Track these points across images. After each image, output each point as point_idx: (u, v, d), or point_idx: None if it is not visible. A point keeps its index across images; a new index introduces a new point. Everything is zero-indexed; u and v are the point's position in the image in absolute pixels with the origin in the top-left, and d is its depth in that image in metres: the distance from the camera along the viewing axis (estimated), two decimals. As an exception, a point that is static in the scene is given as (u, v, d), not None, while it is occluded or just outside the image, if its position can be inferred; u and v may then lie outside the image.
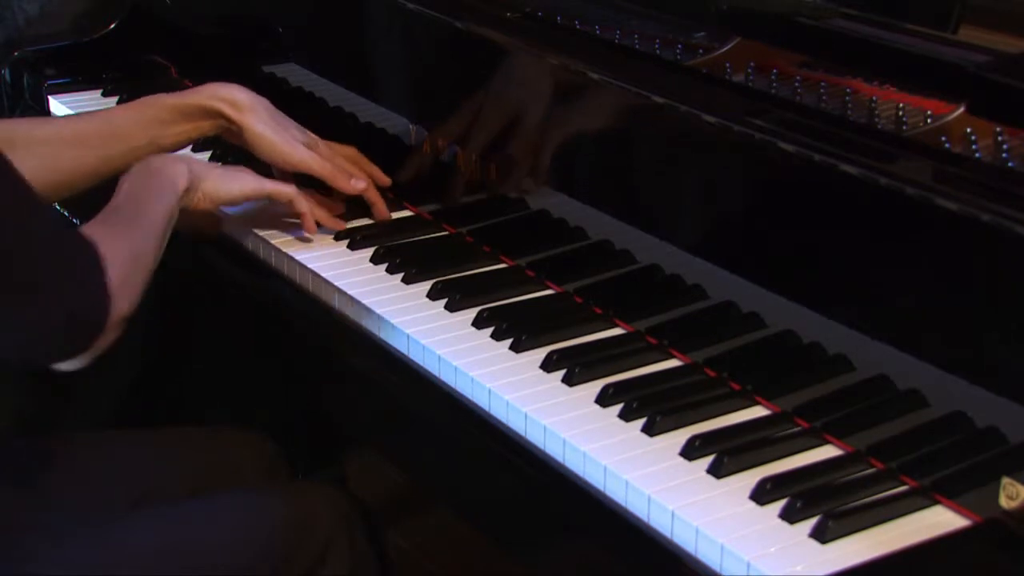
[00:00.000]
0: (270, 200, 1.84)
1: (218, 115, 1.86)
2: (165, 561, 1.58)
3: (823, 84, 1.60)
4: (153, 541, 1.60)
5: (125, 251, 1.53)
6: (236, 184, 1.79)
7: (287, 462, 1.90)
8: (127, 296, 1.51)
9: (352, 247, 1.83)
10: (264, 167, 1.89)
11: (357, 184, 1.86)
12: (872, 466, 1.37)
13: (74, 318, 1.45)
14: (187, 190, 1.72)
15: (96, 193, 1.79)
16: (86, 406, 2.41)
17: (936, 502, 1.33)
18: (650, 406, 1.45)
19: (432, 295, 1.69)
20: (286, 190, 1.82)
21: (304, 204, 1.82)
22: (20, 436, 2.29)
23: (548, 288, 1.72)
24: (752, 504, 1.32)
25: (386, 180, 1.93)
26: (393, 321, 1.64)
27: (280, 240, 1.85)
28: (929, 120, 1.49)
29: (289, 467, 1.90)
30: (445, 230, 1.88)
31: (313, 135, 1.91)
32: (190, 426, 1.96)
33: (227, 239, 1.92)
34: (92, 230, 1.54)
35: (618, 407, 1.47)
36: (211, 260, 1.95)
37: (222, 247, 1.92)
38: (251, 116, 1.85)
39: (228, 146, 2.01)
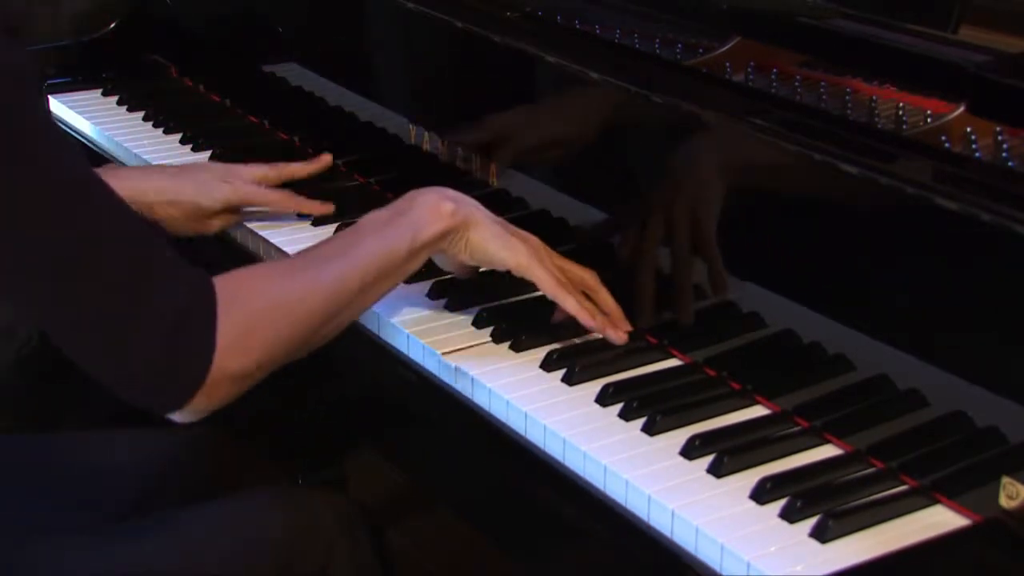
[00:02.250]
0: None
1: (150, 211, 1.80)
2: (167, 566, 1.58)
3: (823, 84, 1.60)
4: (154, 546, 1.60)
5: (267, 299, 1.40)
6: (508, 253, 1.55)
7: (287, 462, 1.90)
8: (249, 350, 1.37)
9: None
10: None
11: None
12: (872, 466, 1.37)
13: (162, 368, 1.33)
14: (444, 235, 1.52)
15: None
16: (86, 406, 2.41)
17: (936, 502, 1.33)
18: (650, 406, 1.45)
19: (432, 294, 1.69)
20: (560, 293, 1.56)
21: (585, 314, 1.57)
22: (20, 435, 2.30)
23: (548, 288, 1.72)
24: (752, 504, 1.32)
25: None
26: (392, 320, 1.64)
27: (280, 240, 1.85)
28: (929, 120, 1.49)
29: (289, 468, 1.90)
30: (445, 230, 1.88)
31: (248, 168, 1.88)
32: (190, 426, 1.96)
33: (225, 236, 1.93)
34: (244, 271, 1.43)
35: (618, 407, 1.47)
36: (208, 255, 1.95)
37: (223, 244, 1.93)
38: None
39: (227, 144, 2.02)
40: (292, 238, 1.86)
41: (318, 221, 1.89)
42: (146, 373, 1.34)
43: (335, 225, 1.87)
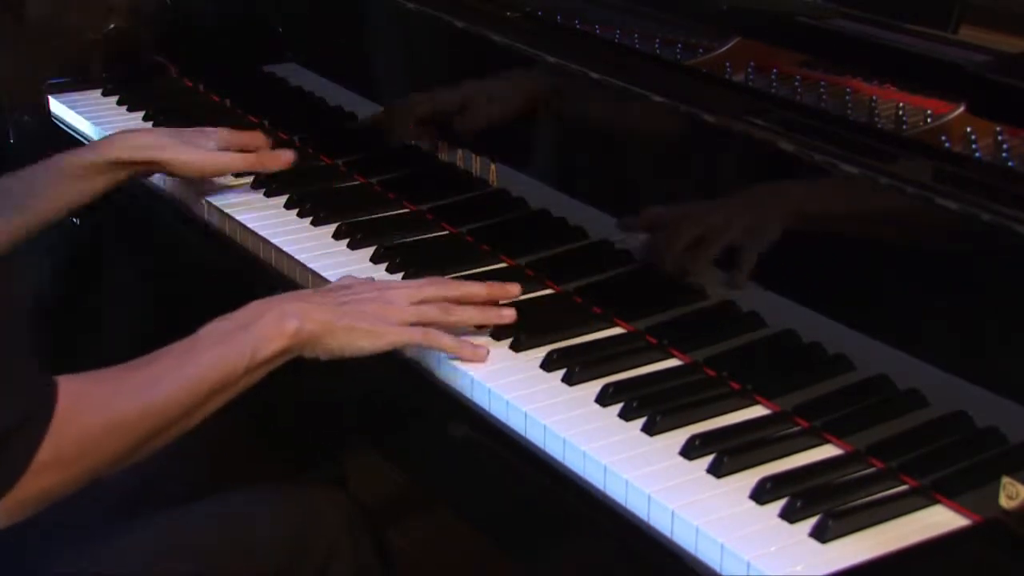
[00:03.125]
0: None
1: (132, 164, 1.91)
2: (167, 565, 1.58)
3: (823, 84, 1.60)
4: (155, 545, 1.60)
5: (106, 419, 1.37)
6: (367, 341, 1.53)
7: (288, 462, 1.90)
8: (72, 466, 1.36)
9: (352, 246, 1.83)
10: None
11: (286, 157, 1.92)
12: (872, 466, 1.37)
13: None
14: (285, 352, 1.50)
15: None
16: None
17: (936, 502, 1.33)
18: (650, 405, 1.45)
19: (432, 295, 1.69)
20: (417, 338, 1.56)
21: (466, 348, 1.56)
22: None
23: (548, 288, 1.72)
24: (752, 504, 1.32)
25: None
26: (393, 321, 1.64)
27: (280, 239, 1.85)
28: (929, 120, 1.49)
29: (290, 467, 1.90)
30: (445, 230, 1.88)
31: (213, 129, 1.97)
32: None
33: (227, 238, 1.93)
34: (90, 383, 1.39)
35: (618, 407, 1.47)
36: (210, 257, 1.95)
37: (221, 245, 1.93)
38: (164, 152, 1.91)
39: None
40: (291, 238, 1.86)
41: (317, 221, 1.89)
42: None
43: (335, 225, 1.87)
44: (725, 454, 1.37)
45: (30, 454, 1.31)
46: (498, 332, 1.60)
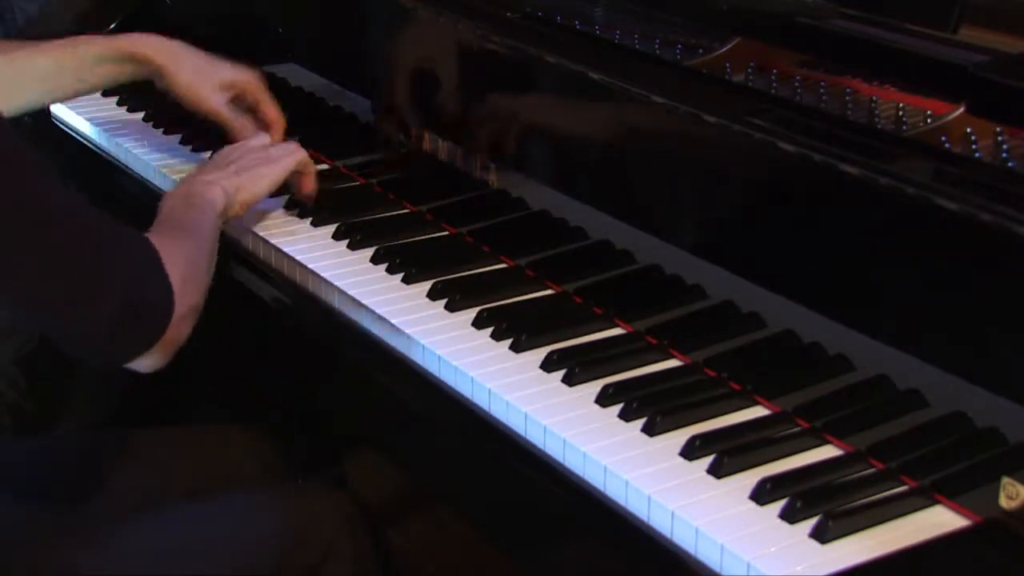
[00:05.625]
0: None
1: (144, 61, 1.98)
2: (167, 565, 1.58)
3: (823, 84, 1.60)
4: (155, 545, 1.60)
5: (182, 254, 1.54)
6: (264, 182, 1.82)
7: (287, 461, 1.90)
8: (189, 292, 1.52)
9: (352, 247, 1.83)
10: None
11: (261, 139, 1.95)
12: (872, 466, 1.37)
13: (139, 310, 1.45)
14: (225, 209, 1.75)
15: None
16: (86, 406, 2.41)
17: (936, 502, 1.33)
18: (650, 406, 1.45)
19: (432, 295, 1.69)
20: (300, 157, 1.88)
21: (310, 164, 1.89)
22: (20, 436, 2.30)
23: (548, 288, 1.72)
24: (752, 504, 1.32)
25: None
26: (393, 321, 1.64)
27: (280, 240, 1.85)
28: (929, 120, 1.49)
29: (289, 466, 1.90)
30: (445, 230, 1.88)
31: (243, 72, 2.03)
32: (191, 426, 1.96)
33: (226, 237, 1.92)
34: (148, 234, 1.55)
35: (618, 407, 1.47)
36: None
37: (222, 246, 1.92)
38: (174, 62, 1.97)
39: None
40: (291, 239, 1.86)
41: (317, 221, 1.89)
42: (119, 318, 1.44)
43: (335, 225, 1.87)
44: (725, 454, 1.37)
45: (167, 281, 1.48)
46: (498, 332, 1.60)
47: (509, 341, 1.59)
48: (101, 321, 1.43)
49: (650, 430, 1.43)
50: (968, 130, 1.45)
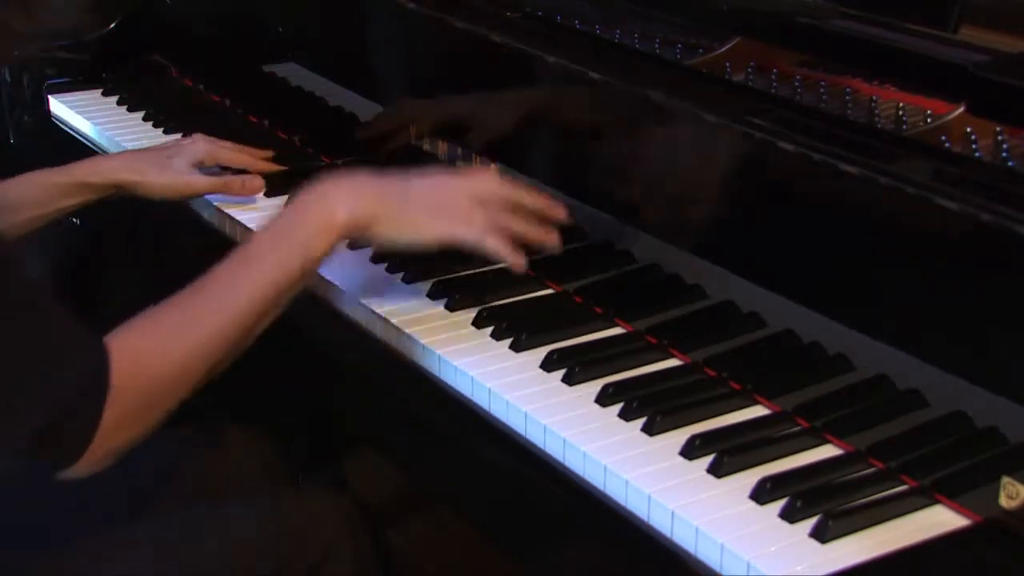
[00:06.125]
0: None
1: (103, 187, 1.90)
2: (167, 565, 1.58)
3: (823, 84, 1.60)
4: (155, 545, 1.60)
5: (170, 364, 1.37)
6: (423, 235, 1.54)
7: (287, 461, 1.90)
8: (143, 419, 1.36)
9: (352, 247, 1.83)
10: None
11: (253, 185, 1.93)
12: (872, 466, 1.37)
13: (64, 426, 1.30)
14: (338, 241, 1.52)
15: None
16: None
17: (936, 502, 1.33)
18: (650, 406, 1.45)
19: (432, 295, 1.69)
20: (478, 237, 1.56)
21: (506, 249, 1.58)
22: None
23: (548, 288, 1.72)
24: (752, 504, 1.32)
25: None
26: (393, 321, 1.64)
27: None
28: (929, 120, 1.49)
29: (290, 467, 1.90)
30: (445, 230, 1.88)
31: (192, 142, 1.96)
32: (190, 426, 1.96)
33: (227, 237, 1.93)
34: (145, 326, 1.39)
35: (618, 407, 1.47)
36: (209, 256, 1.95)
37: (222, 245, 1.93)
38: (135, 176, 1.90)
39: None
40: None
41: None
42: (29, 441, 1.30)
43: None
44: (725, 454, 1.37)
45: (94, 423, 1.30)
46: (498, 332, 1.60)
47: (509, 341, 1.59)
48: (21, 435, 1.29)
49: (650, 429, 1.43)
50: (968, 130, 1.45)
